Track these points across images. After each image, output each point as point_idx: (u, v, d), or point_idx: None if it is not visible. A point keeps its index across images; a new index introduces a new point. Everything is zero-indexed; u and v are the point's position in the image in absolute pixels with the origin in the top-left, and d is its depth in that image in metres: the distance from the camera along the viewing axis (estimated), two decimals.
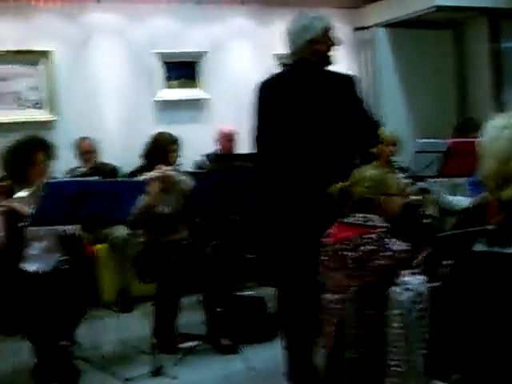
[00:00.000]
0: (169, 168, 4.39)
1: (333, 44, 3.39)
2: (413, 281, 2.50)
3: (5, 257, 3.98)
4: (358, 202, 2.82)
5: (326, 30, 3.35)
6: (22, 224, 3.73)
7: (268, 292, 4.99)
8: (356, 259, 2.68)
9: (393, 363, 2.55)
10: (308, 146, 3.23)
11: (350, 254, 2.70)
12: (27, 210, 3.85)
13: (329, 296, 2.81)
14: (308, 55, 3.31)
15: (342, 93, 3.25)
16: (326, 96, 3.24)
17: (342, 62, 3.51)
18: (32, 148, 4.02)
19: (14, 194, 3.93)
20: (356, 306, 2.67)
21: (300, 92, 3.29)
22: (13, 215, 3.89)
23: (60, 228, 3.78)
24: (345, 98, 3.24)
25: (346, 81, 3.32)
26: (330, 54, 3.38)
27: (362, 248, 2.67)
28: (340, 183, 2.88)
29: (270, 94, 3.42)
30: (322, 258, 2.84)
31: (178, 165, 4.55)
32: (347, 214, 2.82)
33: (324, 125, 3.21)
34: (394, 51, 7.27)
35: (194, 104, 6.74)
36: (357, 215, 2.77)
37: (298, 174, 3.25)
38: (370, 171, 2.89)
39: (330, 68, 3.37)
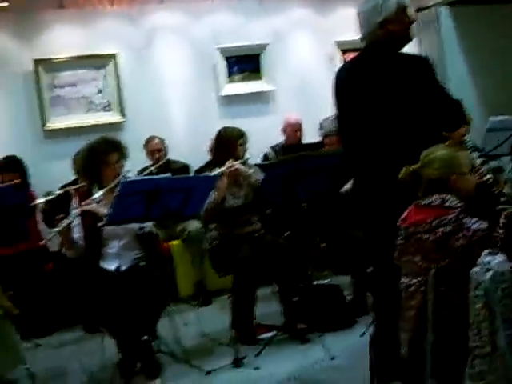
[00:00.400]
0: (237, 162, 4.43)
1: (410, 22, 3.26)
2: (493, 260, 2.46)
3: (85, 257, 4.10)
4: (429, 183, 2.78)
5: (401, 8, 3.19)
6: (100, 224, 3.83)
7: (343, 280, 5.00)
8: (434, 241, 2.64)
9: (476, 345, 2.51)
10: (385, 131, 3.18)
11: (427, 236, 2.66)
12: (103, 210, 3.96)
13: (407, 280, 2.78)
14: (381, 37, 3.21)
15: (418, 75, 3.13)
16: (401, 80, 3.14)
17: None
18: (105, 149, 4.12)
19: (91, 195, 4.04)
20: (436, 289, 2.64)
21: (373, 78, 3.20)
22: (90, 216, 4.01)
23: (136, 225, 3.85)
24: (421, 81, 3.13)
25: (420, 63, 3.21)
26: (408, 32, 3.26)
27: (440, 229, 2.63)
28: (410, 166, 2.84)
29: (344, 81, 3.37)
30: (398, 241, 2.82)
31: (246, 158, 4.57)
32: (421, 197, 2.78)
33: (401, 110, 3.13)
34: (458, 29, 7.11)
35: (259, 96, 6.75)
36: (433, 197, 2.72)
37: (375, 160, 3.21)
38: (439, 152, 2.84)
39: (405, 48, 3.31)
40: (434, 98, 3.14)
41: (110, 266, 4.09)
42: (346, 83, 3.35)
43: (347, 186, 4.44)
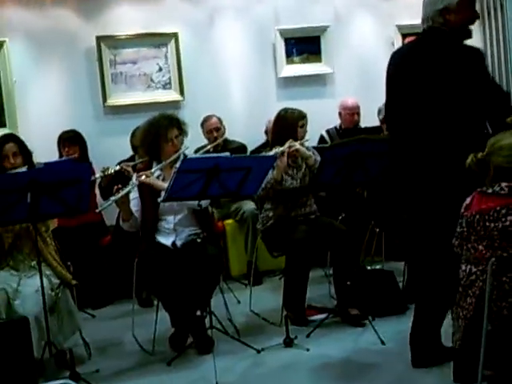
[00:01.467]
0: (297, 142, 4.42)
1: (473, 16, 3.24)
2: None
3: (142, 231, 4.18)
4: (497, 171, 2.74)
5: (465, 0, 3.19)
6: (160, 199, 3.89)
7: (396, 266, 4.98)
8: (502, 230, 2.60)
9: None
10: (430, 118, 3.17)
11: (494, 224, 2.62)
12: (162, 184, 4.02)
13: (468, 268, 2.75)
14: (439, 25, 3.20)
15: (468, 66, 3.12)
16: (450, 69, 3.13)
17: None
18: (165, 124, 4.18)
19: (151, 169, 4.11)
20: (497, 279, 2.61)
21: (423, 65, 3.20)
22: (148, 190, 4.08)
23: (194, 202, 3.89)
24: (471, 72, 3.11)
25: (472, 54, 3.17)
26: (467, 27, 3.23)
27: (509, 218, 2.59)
28: (479, 153, 2.80)
29: (396, 66, 3.37)
30: (460, 229, 2.78)
31: (305, 140, 4.56)
32: (488, 185, 2.74)
33: (446, 99, 3.12)
34: None
35: (318, 79, 6.69)
36: (502, 185, 2.68)
37: (425, 146, 3.20)
38: (507, 140, 2.80)
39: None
40: (482, 89, 3.10)
41: (166, 240, 4.17)
42: (398, 68, 3.36)
43: None
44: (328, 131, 6.25)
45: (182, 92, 6.36)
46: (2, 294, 3.65)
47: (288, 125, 4.52)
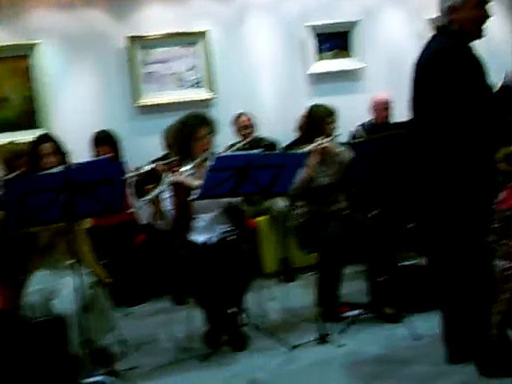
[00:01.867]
0: (327, 139, 4.42)
1: (482, 15, 3.13)
2: None
3: (175, 229, 4.21)
4: None
5: None
6: (191, 198, 3.92)
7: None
8: None
9: None
10: (445, 116, 3.11)
11: None
12: (194, 182, 4.05)
13: (503, 263, 2.73)
14: (447, 23, 3.14)
15: (463, 67, 3.05)
16: (448, 69, 3.06)
17: (495, 22, 3.28)
18: (195, 123, 4.21)
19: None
20: None
21: (428, 63, 3.17)
22: (182, 188, 4.11)
23: (225, 200, 3.91)
24: (463, 79, 3.04)
25: (470, 57, 3.09)
26: (475, 28, 3.13)
27: None
28: (509, 148, 2.77)
29: (416, 61, 3.35)
30: (495, 225, 2.76)
31: (335, 136, 4.55)
32: None
33: (448, 96, 3.06)
34: None
35: (349, 74, 6.69)
36: None
37: (447, 143, 3.14)
38: None
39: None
40: (476, 92, 3.05)
41: (199, 238, 4.20)
42: (414, 66, 3.31)
43: None
44: (362, 125, 6.23)
45: (212, 90, 6.40)
46: (40, 294, 3.71)
47: (317, 121, 4.52)
